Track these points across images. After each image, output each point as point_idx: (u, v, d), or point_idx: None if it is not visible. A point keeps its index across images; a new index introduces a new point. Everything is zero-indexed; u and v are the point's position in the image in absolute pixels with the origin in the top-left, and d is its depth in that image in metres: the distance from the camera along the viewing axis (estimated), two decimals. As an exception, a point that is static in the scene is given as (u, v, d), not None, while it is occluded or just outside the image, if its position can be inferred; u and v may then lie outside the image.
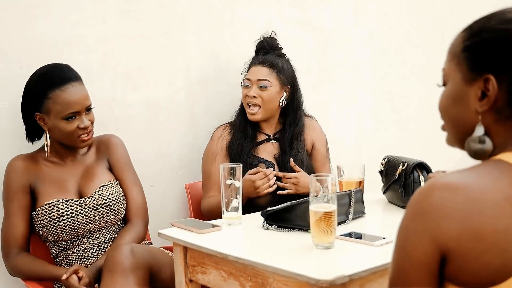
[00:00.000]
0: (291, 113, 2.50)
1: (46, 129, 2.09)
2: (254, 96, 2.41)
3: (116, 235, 2.19)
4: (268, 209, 1.87)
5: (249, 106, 2.43)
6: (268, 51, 2.48)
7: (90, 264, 2.12)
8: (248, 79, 2.45)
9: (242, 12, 2.79)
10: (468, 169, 0.99)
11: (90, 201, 2.12)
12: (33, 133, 2.16)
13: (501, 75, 1.00)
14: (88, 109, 2.11)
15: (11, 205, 2.09)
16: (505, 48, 1.00)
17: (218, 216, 2.14)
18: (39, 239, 2.17)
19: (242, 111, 2.51)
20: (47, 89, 2.04)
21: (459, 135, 1.07)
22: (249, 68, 2.49)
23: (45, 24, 2.27)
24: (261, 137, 2.50)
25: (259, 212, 1.92)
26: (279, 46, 2.52)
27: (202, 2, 2.66)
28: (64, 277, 1.96)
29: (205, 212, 2.42)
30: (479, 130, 1.02)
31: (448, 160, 3.13)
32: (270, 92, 2.43)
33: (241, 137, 2.45)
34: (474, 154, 1.04)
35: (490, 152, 1.03)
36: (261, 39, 2.51)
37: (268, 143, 2.50)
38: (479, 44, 1.02)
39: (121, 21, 2.44)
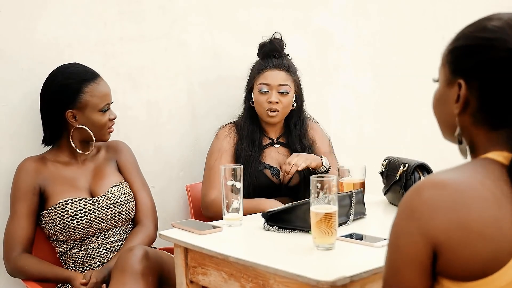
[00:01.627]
0: (296, 114, 2.48)
1: (76, 126, 2.12)
2: (276, 102, 2.37)
3: (125, 236, 2.21)
4: (269, 210, 1.87)
5: (269, 111, 2.38)
6: (280, 54, 2.43)
7: (97, 263, 2.13)
8: (267, 84, 2.37)
9: (243, 13, 2.79)
10: (455, 167, 1.03)
11: (102, 200, 2.14)
12: (53, 135, 2.17)
13: (471, 81, 1.04)
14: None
15: (19, 206, 2.09)
16: (474, 55, 1.04)
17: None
18: (39, 240, 2.17)
19: (249, 115, 2.46)
20: (82, 84, 2.10)
21: (445, 132, 1.13)
22: (260, 72, 2.41)
23: (46, 25, 2.27)
24: (266, 141, 2.48)
25: (260, 213, 1.92)
26: (285, 47, 2.47)
27: (203, 3, 2.66)
28: (83, 281, 1.99)
29: (210, 212, 2.33)
30: (457, 131, 1.08)
31: (449, 162, 3.13)
32: (290, 96, 2.40)
33: (249, 144, 2.41)
34: (460, 152, 1.10)
35: (466, 151, 1.09)
36: (269, 40, 2.44)
37: (272, 148, 2.47)
38: (457, 49, 1.07)
39: (122, 23, 2.45)
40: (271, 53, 2.42)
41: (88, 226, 2.11)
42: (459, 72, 1.06)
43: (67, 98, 2.09)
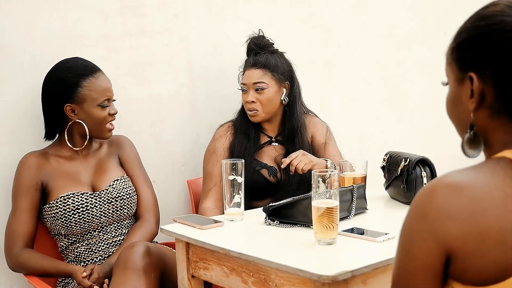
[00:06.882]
0: (288, 110, 2.44)
1: (75, 120, 2.12)
2: (253, 101, 2.36)
3: (126, 231, 2.21)
4: (270, 204, 1.87)
5: (249, 111, 2.39)
6: (258, 52, 2.41)
7: (98, 258, 2.14)
8: (244, 84, 2.40)
9: (244, 7, 2.79)
10: (471, 167, 0.99)
11: (104, 194, 2.15)
12: (54, 129, 2.18)
13: (482, 71, 1.00)
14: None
15: (21, 201, 2.10)
16: (479, 44, 1.01)
17: None
18: (40, 235, 2.18)
19: (243, 112, 2.45)
20: (80, 78, 2.10)
21: (464, 134, 1.07)
22: (244, 72, 2.43)
23: (48, 20, 2.27)
24: (264, 139, 2.45)
25: (261, 208, 1.93)
26: (269, 43, 2.44)
27: (204, -3, 2.66)
28: (84, 274, 1.98)
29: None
30: (469, 126, 1.03)
31: (450, 156, 3.13)
32: (267, 93, 2.37)
33: (244, 141, 2.40)
34: (464, 149, 1.04)
35: (481, 148, 1.03)
36: (248, 40, 2.45)
37: (270, 146, 2.45)
38: (461, 44, 1.04)
39: (123, 17, 2.44)
40: (249, 52, 2.44)
41: (89, 221, 2.12)
42: (467, 66, 1.02)
43: (65, 92, 2.10)
